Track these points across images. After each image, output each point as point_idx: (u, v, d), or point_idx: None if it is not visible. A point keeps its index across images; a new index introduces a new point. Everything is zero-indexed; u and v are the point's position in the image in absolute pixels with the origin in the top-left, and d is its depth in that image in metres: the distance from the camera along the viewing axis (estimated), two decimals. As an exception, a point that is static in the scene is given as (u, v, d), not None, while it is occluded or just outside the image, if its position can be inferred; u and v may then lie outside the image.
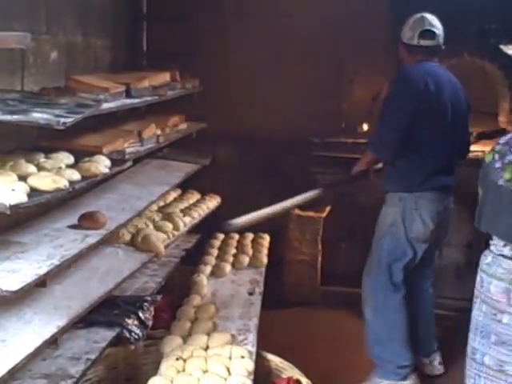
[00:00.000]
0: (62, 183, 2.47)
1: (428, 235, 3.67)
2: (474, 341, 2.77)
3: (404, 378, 3.70)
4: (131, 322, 3.02)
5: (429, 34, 3.66)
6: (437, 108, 3.59)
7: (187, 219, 4.18)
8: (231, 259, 4.37)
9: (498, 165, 2.66)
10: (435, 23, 3.70)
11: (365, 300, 3.82)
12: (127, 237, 3.56)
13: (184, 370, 2.91)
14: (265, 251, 4.55)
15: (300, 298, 4.79)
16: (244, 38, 4.89)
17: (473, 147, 4.05)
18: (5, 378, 2.16)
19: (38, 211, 2.95)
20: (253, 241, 4.73)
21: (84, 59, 3.82)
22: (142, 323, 3.08)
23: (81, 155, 2.88)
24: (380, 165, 3.90)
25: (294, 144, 5.02)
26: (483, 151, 4.03)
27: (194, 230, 4.34)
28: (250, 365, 2.98)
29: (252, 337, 3.33)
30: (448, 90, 3.64)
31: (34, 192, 2.35)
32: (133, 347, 3.09)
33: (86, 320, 2.85)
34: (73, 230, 2.84)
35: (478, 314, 2.77)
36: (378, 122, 3.68)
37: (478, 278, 2.77)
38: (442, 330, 4.42)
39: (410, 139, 3.55)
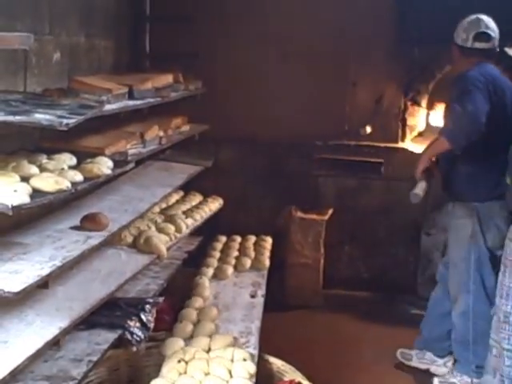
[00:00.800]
0: (65, 184, 2.46)
1: (503, 240, 3.72)
2: (507, 306, 3.07)
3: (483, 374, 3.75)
4: (133, 324, 3.02)
5: (484, 36, 3.61)
6: (501, 111, 3.57)
7: (189, 221, 4.18)
8: (233, 262, 4.37)
9: None
10: (491, 25, 3.64)
11: (453, 302, 3.85)
12: (129, 239, 3.55)
13: (186, 372, 2.91)
14: (267, 254, 4.55)
15: (302, 301, 4.79)
16: (247, 40, 4.89)
17: None
18: (6, 380, 2.16)
19: (40, 212, 2.94)
20: (255, 243, 4.73)
21: (87, 60, 3.82)
22: (143, 325, 3.07)
23: (83, 156, 2.87)
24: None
25: (297, 146, 5.03)
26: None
27: (196, 232, 4.33)
28: (251, 367, 2.98)
29: (254, 339, 3.33)
30: (508, 93, 3.62)
31: (36, 193, 2.35)
32: (134, 349, 3.08)
33: (88, 322, 2.84)
34: (75, 231, 2.84)
35: (509, 281, 3.08)
36: (458, 110, 3.53)
37: (510, 250, 3.09)
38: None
39: (480, 141, 3.50)
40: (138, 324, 3.05)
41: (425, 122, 5.04)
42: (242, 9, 4.87)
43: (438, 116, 4.92)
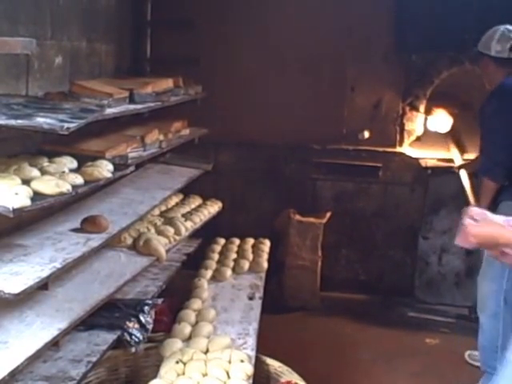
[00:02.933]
0: (65, 187, 2.49)
1: None
2: None
3: None
4: (132, 325, 3.04)
5: None
6: None
7: (189, 224, 4.21)
8: (232, 264, 4.39)
9: None
10: None
11: (481, 306, 3.77)
12: (129, 241, 3.58)
13: (184, 373, 2.93)
14: (265, 256, 4.57)
15: (299, 303, 4.81)
16: (247, 45, 4.92)
17: None
18: (6, 380, 2.18)
19: (41, 214, 2.97)
20: (253, 246, 4.75)
21: (88, 65, 3.85)
22: (142, 326, 3.10)
23: (84, 160, 2.90)
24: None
25: (296, 150, 5.06)
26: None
27: (195, 234, 4.36)
28: (249, 369, 3.00)
29: (251, 341, 3.35)
30: None
31: (37, 196, 2.37)
32: (133, 350, 3.12)
33: (88, 323, 2.87)
34: (75, 233, 2.87)
35: None
36: (485, 142, 3.62)
37: None
38: (439, 337, 4.45)
39: None
40: (136, 325, 3.07)
41: (423, 127, 5.06)
42: (242, 14, 4.90)
43: (435, 121, 4.95)
